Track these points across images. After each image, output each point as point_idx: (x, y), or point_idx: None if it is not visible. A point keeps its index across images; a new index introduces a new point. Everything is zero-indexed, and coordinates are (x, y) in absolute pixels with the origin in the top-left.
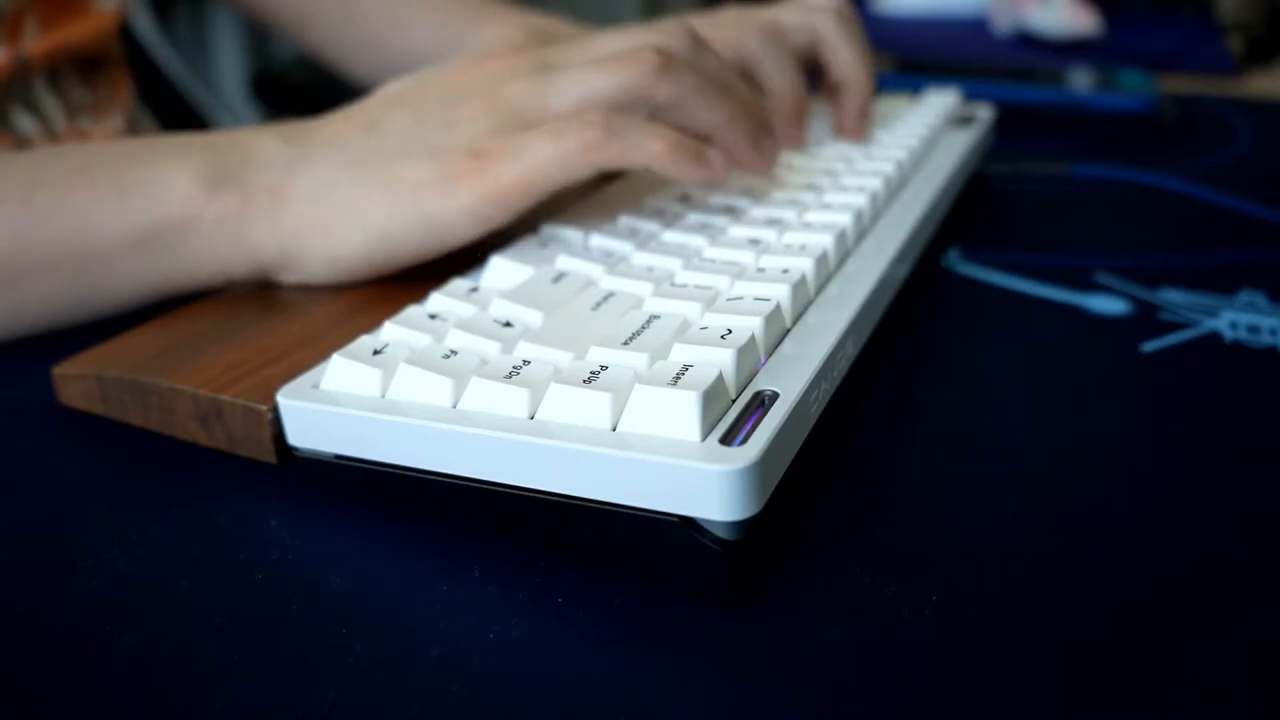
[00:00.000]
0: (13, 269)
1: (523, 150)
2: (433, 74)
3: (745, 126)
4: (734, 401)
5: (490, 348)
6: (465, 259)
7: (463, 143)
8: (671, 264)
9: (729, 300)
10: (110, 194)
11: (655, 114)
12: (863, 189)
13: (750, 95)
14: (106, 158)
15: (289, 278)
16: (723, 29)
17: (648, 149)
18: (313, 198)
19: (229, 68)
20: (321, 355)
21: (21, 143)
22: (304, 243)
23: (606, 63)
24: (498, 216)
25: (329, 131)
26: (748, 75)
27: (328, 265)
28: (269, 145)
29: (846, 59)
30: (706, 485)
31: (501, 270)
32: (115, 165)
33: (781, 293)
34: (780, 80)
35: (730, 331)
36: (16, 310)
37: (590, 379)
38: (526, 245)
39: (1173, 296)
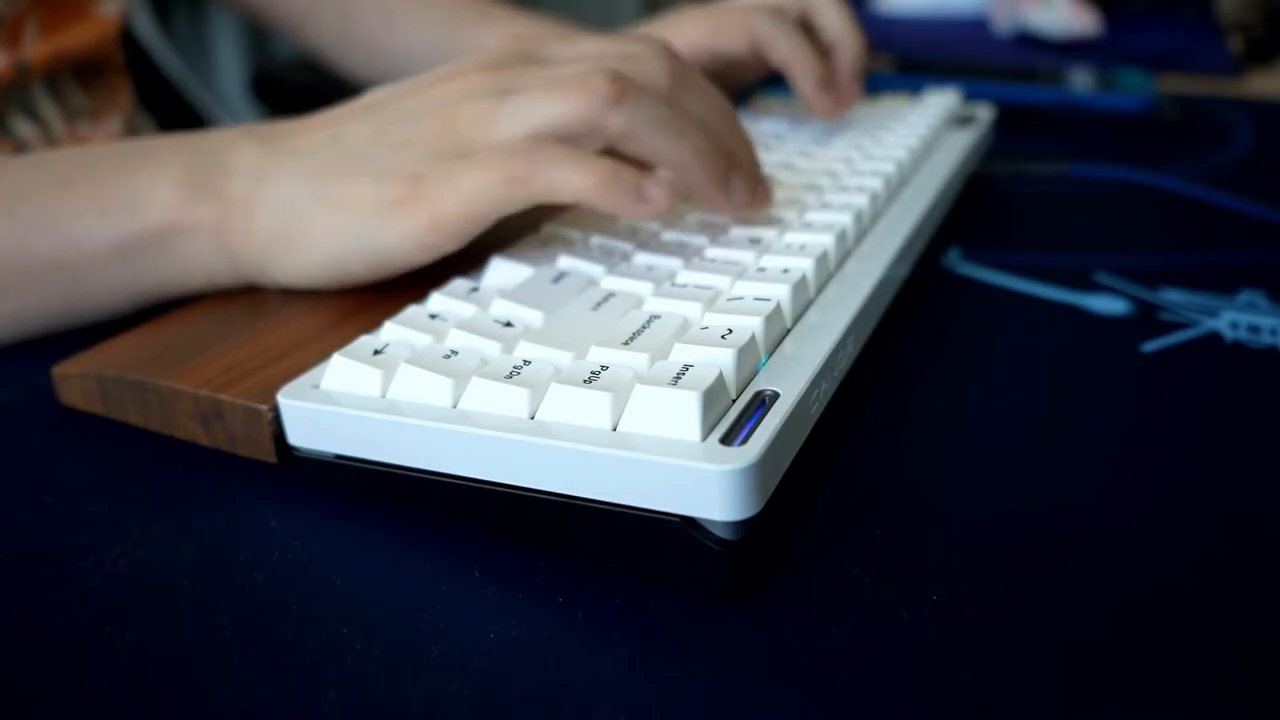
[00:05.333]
0: (1, 281)
1: (455, 180)
2: (410, 84)
3: (708, 163)
4: (734, 401)
5: (491, 348)
6: (466, 259)
7: (408, 166)
8: (672, 264)
9: (729, 300)
10: (92, 205)
11: (612, 145)
12: (863, 189)
13: (727, 128)
14: (88, 167)
15: (267, 285)
16: (728, 16)
17: (574, 183)
18: (277, 210)
19: (229, 68)
20: (322, 355)
21: (20, 148)
22: (274, 254)
23: (558, 88)
24: (442, 245)
25: (299, 139)
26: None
27: (295, 277)
28: (245, 150)
29: (835, 20)
30: (707, 485)
31: (502, 270)
32: (97, 175)
33: (782, 293)
34: (798, 50)
35: (731, 331)
36: (7, 319)
37: (591, 379)
38: (527, 245)
39: (1173, 296)
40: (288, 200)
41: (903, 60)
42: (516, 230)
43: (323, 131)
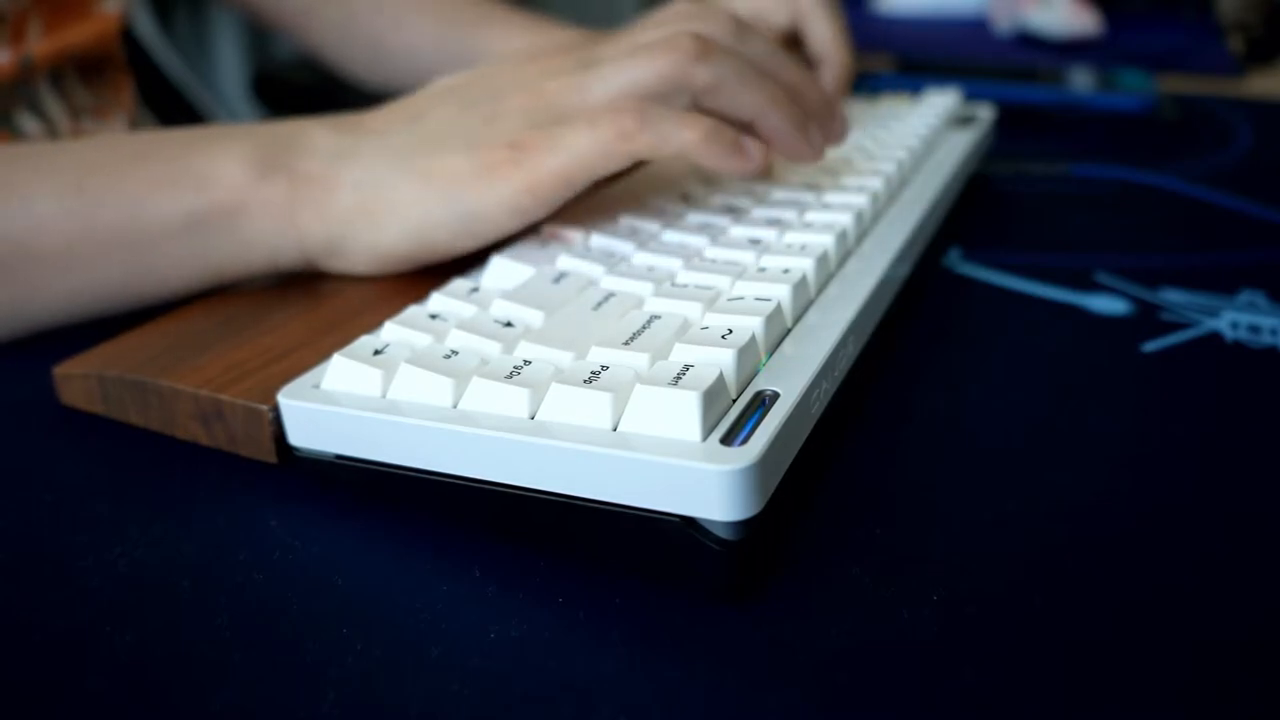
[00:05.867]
0: (68, 254)
1: (559, 142)
2: (482, 71)
3: (789, 111)
4: (734, 401)
5: (491, 348)
6: (466, 259)
7: (503, 136)
8: (672, 264)
9: (730, 300)
10: (162, 180)
11: (697, 101)
12: (863, 189)
13: (799, 79)
14: (158, 144)
15: (334, 266)
16: (702, 22)
17: (682, 137)
18: (358, 186)
19: (229, 68)
20: (322, 355)
21: None
22: (349, 231)
23: (643, 52)
24: (535, 209)
25: (377, 122)
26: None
27: (370, 253)
28: (318, 134)
29: (825, 35)
30: (707, 485)
31: (502, 270)
32: (167, 152)
33: (782, 293)
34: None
35: (731, 331)
36: (71, 296)
37: (591, 379)
38: (527, 245)
39: (1173, 296)
40: (371, 176)
41: (903, 60)
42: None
43: (400, 114)
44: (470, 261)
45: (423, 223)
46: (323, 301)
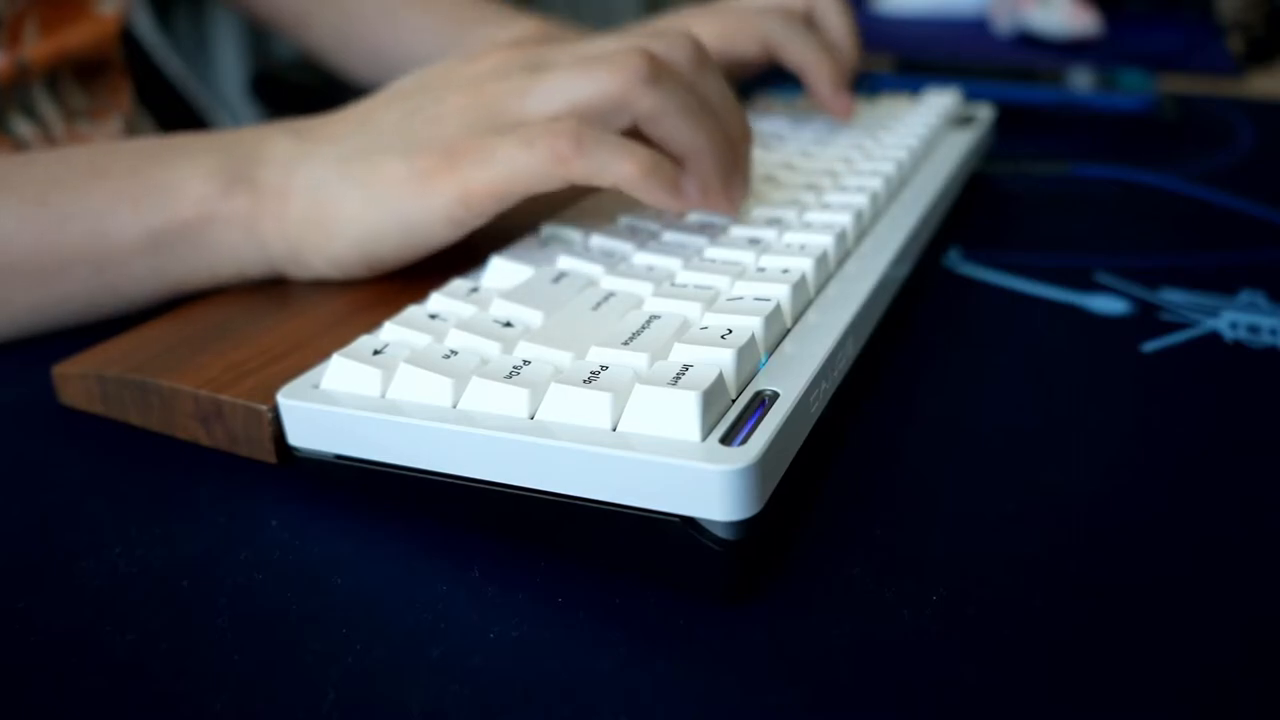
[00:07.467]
0: (31, 268)
1: (493, 155)
2: (432, 70)
3: (722, 158)
4: (734, 401)
5: (490, 348)
6: (466, 259)
7: (440, 140)
8: (671, 264)
9: (729, 300)
10: (126, 195)
11: (637, 124)
12: (863, 189)
13: (739, 128)
14: (123, 158)
15: (298, 274)
16: (739, 18)
17: (618, 169)
18: (309, 194)
19: (229, 68)
20: (321, 355)
21: (19, 147)
22: (306, 240)
23: (592, 65)
24: (470, 220)
25: (331, 128)
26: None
27: (327, 262)
28: (278, 142)
29: (837, 26)
30: (707, 485)
31: (502, 270)
32: (131, 166)
33: (782, 293)
34: (813, 53)
35: (730, 331)
36: (35, 309)
37: (590, 379)
38: (527, 245)
39: (1173, 296)
40: (317, 184)
41: (903, 60)
42: (517, 230)
43: (353, 119)
44: (470, 261)
45: (368, 230)
46: (322, 302)
